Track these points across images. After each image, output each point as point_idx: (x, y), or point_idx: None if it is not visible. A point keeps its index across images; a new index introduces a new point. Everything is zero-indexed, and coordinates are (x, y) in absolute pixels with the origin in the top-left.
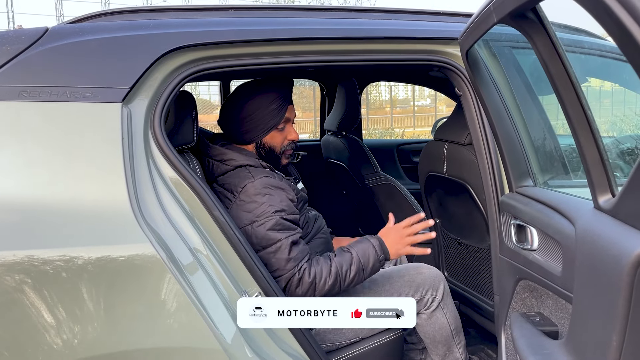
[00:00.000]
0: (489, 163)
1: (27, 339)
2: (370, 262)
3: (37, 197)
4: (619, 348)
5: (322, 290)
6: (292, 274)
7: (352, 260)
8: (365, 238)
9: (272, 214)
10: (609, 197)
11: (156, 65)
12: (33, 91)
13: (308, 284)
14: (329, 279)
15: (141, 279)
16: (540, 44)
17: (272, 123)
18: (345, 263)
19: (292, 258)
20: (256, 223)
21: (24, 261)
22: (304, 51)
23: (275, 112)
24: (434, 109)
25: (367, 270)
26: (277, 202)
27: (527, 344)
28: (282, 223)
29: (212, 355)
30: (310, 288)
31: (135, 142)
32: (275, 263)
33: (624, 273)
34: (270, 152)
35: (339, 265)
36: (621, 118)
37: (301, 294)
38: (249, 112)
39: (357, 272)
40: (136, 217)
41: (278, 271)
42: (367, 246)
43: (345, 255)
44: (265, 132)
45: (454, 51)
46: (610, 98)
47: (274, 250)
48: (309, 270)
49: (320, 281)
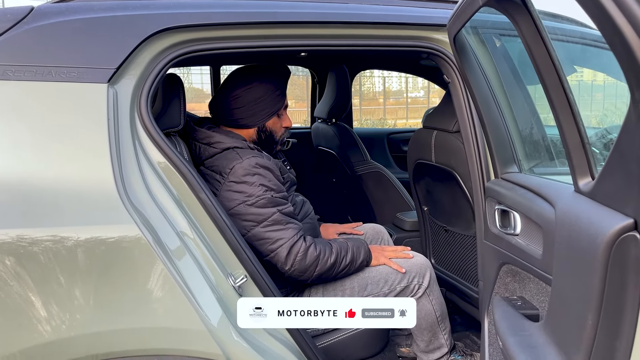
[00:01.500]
0: (475, 150)
1: (10, 318)
2: (361, 258)
3: (21, 177)
4: (594, 327)
5: (323, 267)
6: (294, 241)
7: (349, 250)
8: (359, 238)
9: (264, 192)
10: (588, 180)
11: (143, 46)
12: (18, 70)
13: (315, 256)
14: (331, 257)
15: (127, 260)
16: (524, 27)
17: (277, 108)
18: (343, 249)
19: (290, 227)
20: (248, 201)
21: (8, 240)
22: (292, 35)
23: (280, 97)
24: (427, 101)
25: (356, 263)
26: (266, 181)
27: (507, 326)
28: (274, 200)
29: (199, 336)
30: (315, 262)
31: (121, 123)
32: (274, 235)
33: (600, 252)
34: (270, 137)
35: (338, 249)
36: (612, 110)
37: (304, 265)
38: (258, 96)
39: (350, 262)
40: (122, 199)
41: (279, 241)
42: (361, 244)
43: (342, 243)
44: (269, 117)
45: (443, 38)
46: (602, 92)
47: (270, 222)
48: (315, 245)
49: (324, 256)
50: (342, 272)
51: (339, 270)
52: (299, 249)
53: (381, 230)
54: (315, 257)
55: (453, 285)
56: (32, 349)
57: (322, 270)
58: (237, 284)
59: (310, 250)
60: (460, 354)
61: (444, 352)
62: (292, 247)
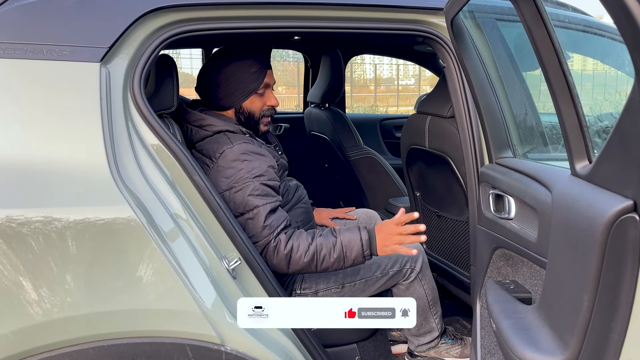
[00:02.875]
0: (470, 134)
1: (2, 299)
2: (353, 255)
3: (12, 157)
4: (590, 308)
5: (296, 265)
6: (267, 241)
7: (335, 247)
8: (356, 228)
9: (251, 179)
10: (585, 164)
11: (136, 25)
12: (8, 48)
13: (283, 255)
14: (304, 257)
15: (120, 242)
16: (525, 8)
17: (252, 87)
18: (326, 247)
19: (268, 225)
20: (234, 189)
21: (1, 221)
22: (286, 16)
23: (254, 76)
24: (417, 89)
25: (348, 260)
26: (255, 167)
27: (500, 309)
28: (261, 188)
29: (192, 318)
30: (284, 260)
31: (114, 104)
32: (251, 229)
33: (598, 233)
34: (249, 118)
35: (319, 247)
36: (603, 97)
37: (276, 263)
38: (228, 76)
39: (336, 260)
40: (114, 180)
41: (254, 237)
42: (355, 238)
43: (329, 239)
44: (245, 97)
45: (439, 22)
46: (592, 81)
47: (251, 216)
48: (285, 242)
49: (295, 255)
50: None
51: (323, 268)
52: (269, 246)
53: (374, 216)
54: (284, 256)
55: (444, 270)
56: (24, 330)
57: (295, 268)
58: (231, 266)
59: (280, 248)
60: (451, 337)
61: (435, 336)
62: (265, 246)
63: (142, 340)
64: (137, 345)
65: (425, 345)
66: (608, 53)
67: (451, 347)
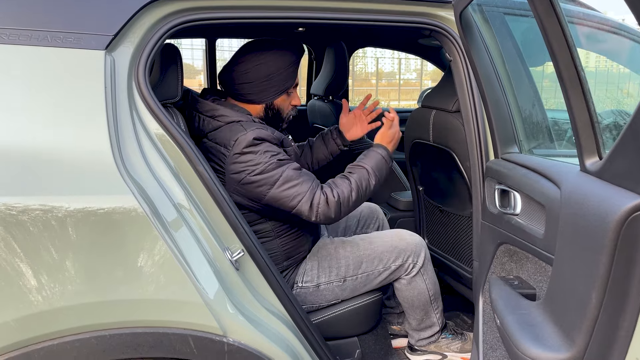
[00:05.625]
0: (475, 129)
1: (2, 288)
2: (384, 172)
3: (15, 145)
4: (598, 305)
5: (347, 206)
6: (313, 193)
7: (370, 176)
8: (373, 150)
9: (269, 158)
10: (595, 160)
11: (142, 12)
12: (12, 34)
13: (335, 202)
14: (352, 196)
15: (123, 231)
16: (538, 2)
17: (287, 86)
18: (363, 178)
19: (304, 181)
20: (256, 170)
21: (2, 208)
22: (292, 7)
23: (291, 75)
24: (419, 83)
25: (382, 179)
26: (270, 148)
27: (505, 305)
28: (280, 162)
29: (195, 309)
30: (337, 207)
31: (118, 92)
32: (290, 192)
33: (609, 230)
34: (277, 115)
35: (358, 182)
36: (605, 94)
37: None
38: (270, 72)
39: (375, 183)
40: (119, 169)
41: (297, 197)
42: (379, 159)
43: (362, 172)
44: (279, 94)
45: (447, 15)
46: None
47: (282, 181)
48: (331, 192)
49: (344, 199)
50: (371, 193)
51: (367, 196)
52: (319, 200)
53: (376, 209)
54: (336, 202)
55: (446, 265)
56: (27, 318)
57: (348, 209)
58: (234, 258)
59: (330, 198)
60: (451, 332)
61: (436, 331)
62: (312, 200)
63: (145, 330)
64: (139, 335)
65: (425, 339)
66: (619, 51)
67: (451, 342)
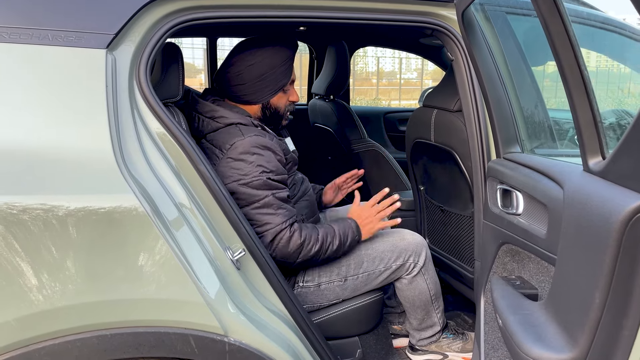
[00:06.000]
0: (477, 129)
1: (3, 287)
2: (349, 240)
3: (16, 143)
4: (601, 306)
5: (307, 254)
6: (281, 229)
7: (335, 235)
8: (344, 218)
9: (259, 174)
10: (599, 160)
11: (143, 11)
12: (13, 32)
13: (298, 244)
14: (315, 245)
15: (124, 230)
16: (541, 0)
17: (282, 84)
18: (329, 235)
19: (280, 213)
20: (242, 181)
21: (3, 208)
22: (293, 6)
23: (285, 72)
24: (420, 83)
25: (345, 246)
26: (265, 162)
27: (507, 305)
28: (269, 184)
29: (196, 308)
30: (298, 249)
31: (119, 91)
32: (262, 218)
33: (613, 230)
34: (274, 113)
35: (324, 235)
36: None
37: (286, 252)
38: (263, 72)
39: (338, 246)
40: (120, 168)
41: (265, 226)
42: (347, 225)
43: (329, 229)
44: (274, 93)
45: (449, 14)
46: (595, 77)
47: (260, 205)
48: (300, 232)
49: (308, 244)
50: (329, 257)
51: (326, 256)
52: (283, 236)
53: None
54: (299, 245)
55: (447, 265)
56: (28, 317)
57: (305, 257)
58: (235, 257)
59: (294, 238)
60: (452, 332)
61: (436, 331)
62: (277, 234)
63: (146, 330)
64: (140, 334)
65: (426, 339)
66: (621, 50)
67: (452, 341)
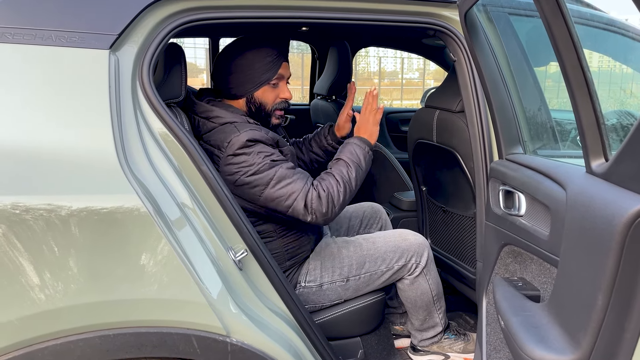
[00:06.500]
0: (479, 130)
1: (6, 287)
2: (361, 157)
3: (19, 144)
4: (604, 308)
5: (339, 199)
6: (307, 190)
7: (347, 163)
8: (344, 142)
9: (263, 159)
10: (602, 162)
11: (146, 12)
12: (17, 33)
13: (325, 197)
14: (339, 187)
15: (126, 230)
16: (544, 1)
17: (265, 77)
18: (343, 169)
19: (297, 178)
20: (250, 171)
21: (6, 208)
22: (296, 6)
23: (268, 67)
24: (422, 83)
25: (362, 165)
26: (264, 149)
27: (509, 306)
28: (274, 162)
29: (199, 309)
30: (330, 201)
31: (122, 91)
32: (284, 191)
33: (616, 232)
34: (260, 109)
35: (340, 173)
36: (607, 95)
37: (323, 210)
38: (242, 65)
39: (356, 170)
40: (122, 168)
41: (292, 195)
42: (351, 146)
43: (338, 163)
44: (257, 87)
45: (451, 15)
46: (597, 78)
47: (276, 180)
48: (321, 185)
49: (334, 191)
50: (358, 181)
51: (355, 185)
52: (312, 196)
53: (379, 209)
54: (327, 196)
55: (449, 265)
56: (31, 317)
57: (339, 203)
58: (237, 257)
59: (322, 193)
60: (454, 333)
61: (438, 331)
62: (306, 196)
63: (148, 330)
64: (143, 334)
65: (428, 340)
66: (623, 51)
67: (454, 342)
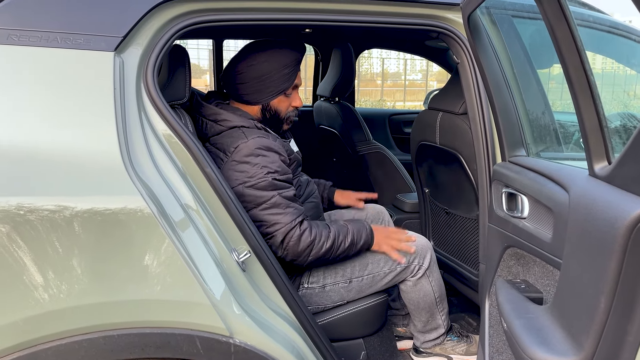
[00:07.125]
0: (482, 132)
1: (11, 287)
2: (362, 241)
3: (25, 145)
4: (607, 310)
5: (318, 252)
6: (290, 228)
7: (348, 232)
8: (361, 220)
9: (265, 175)
10: (605, 165)
11: (151, 14)
12: (23, 35)
13: (309, 242)
14: (326, 243)
15: (130, 231)
16: (547, 5)
17: (283, 87)
18: (341, 233)
19: (289, 212)
20: (248, 183)
21: (11, 208)
22: (300, 9)
23: (287, 77)
24: (424, 84)
25: (357, 247)
26: (269, 163)
27: (512, 309)
28: (275, 184)
29: (202, 310)
30: (309, 247)
31: (127, 93)
32: (271, 218)
33: (619, 235)
34: (274, 116)
35: (336, 233)
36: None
37: (297, 251)
38: (262, 73)
39: (349, 245)
40: (127, 169)
41: (275, 226)
42: (362, 227)
43: (342, 227)
44: (274, 96)
45: (455, 17)
46: (600, 80)
47: (268, 205)
48: (310, 230)
49: (319, 243)
50: (340, 255)
51: (337, 254)
52: (294, 234)
53: (382, 211)
54: (309, 242)
55: (451, 267)
56: (35, 317)
57: (316, 255)
58: (240, 259)
59: (305, 236)
60: (457, 335)
61: (441, 333)
62: (287, 233)
63: (152, 331)
64: (146, 335)
65: (431, 341)
66: (627, 53)
67: (457, 344)
